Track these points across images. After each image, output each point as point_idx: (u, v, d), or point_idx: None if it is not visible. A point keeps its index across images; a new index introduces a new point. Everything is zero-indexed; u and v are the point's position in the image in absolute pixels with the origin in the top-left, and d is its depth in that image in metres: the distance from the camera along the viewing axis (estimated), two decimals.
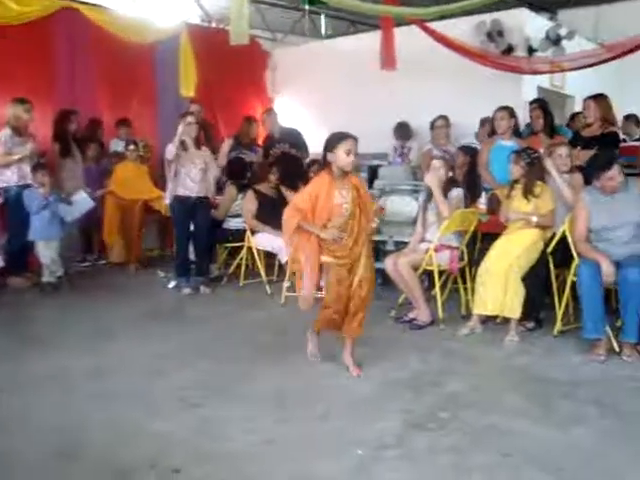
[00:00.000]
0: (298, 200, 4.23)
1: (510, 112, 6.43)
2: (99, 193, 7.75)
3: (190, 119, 6.46)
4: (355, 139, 4.11)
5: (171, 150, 6.31)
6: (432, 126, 7.61)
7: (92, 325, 5.39)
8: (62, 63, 8.18)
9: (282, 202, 6.87)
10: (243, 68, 9.99)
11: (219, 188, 7.29)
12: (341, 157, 4.04)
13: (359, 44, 9.52)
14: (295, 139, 8.26)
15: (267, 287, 6.58)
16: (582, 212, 4.83)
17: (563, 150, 5.49)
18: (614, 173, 4.68)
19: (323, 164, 4.23)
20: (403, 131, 8.48)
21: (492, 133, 6.63)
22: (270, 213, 6.71)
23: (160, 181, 7.69)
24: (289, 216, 4.18)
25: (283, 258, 6.48)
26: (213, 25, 10.47)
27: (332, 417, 3.60)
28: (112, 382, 4.10)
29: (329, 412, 3.66)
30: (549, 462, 3.08)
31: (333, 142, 4.07)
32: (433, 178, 5.50)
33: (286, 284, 6.21)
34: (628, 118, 7.80)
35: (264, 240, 6.72)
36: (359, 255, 4.22)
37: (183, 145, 6.37)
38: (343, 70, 9.41)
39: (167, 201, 6.67)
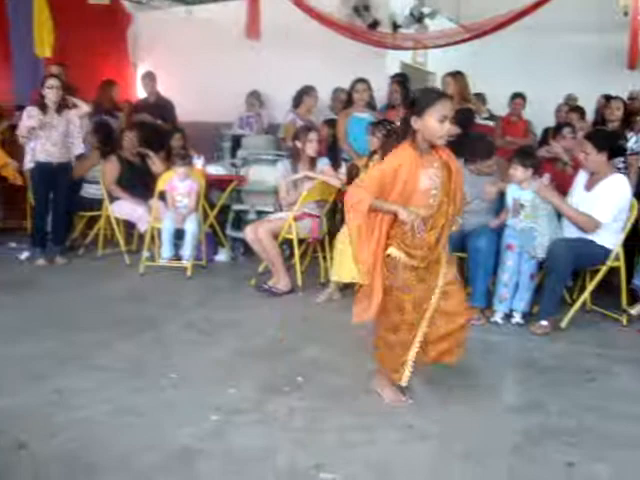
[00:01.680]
0: (368, 181, 3.13)
1: (368, 84, 6.57)
2: None
3: (52, 82, 6.14)
4: (451, 100, 3.26)
5: (31, 116, 6.00)
6: (299, 97, 7.63)
7: None
8: None
9: (145, 171, 6.72)
10: (105, 29, 9.53)
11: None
12: (432, 125, 3.04)
13: (225, 11, 9.32)
14: (166, 109, 8.12)
15: (126, 257, 6.40)
16: None
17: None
18: (490, 163, 4.97)
19: (403, 131, 3.18)
20: (255, 99, 8.49)
21: (347, 105, 6.75)
22: (132, 181, 6.56)
23: (12, 146, 7.22)
24: (359, 198, 3.08)
25: (142, 227, 6.31)
26: None
27: (188, 384, 3.56)
28: None
29: (185, 379, 3.62)
30: (401, 419, 3.19)
31: (422, 104, 3.08)
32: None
33: (145, 254, 6.07)
34: (477, 96, 8.13)
35: (123, 208, 6.52)
36: (438, 257, 3.28)
37: (43, 109, 6.05)
38: (208, 38, 9.22)
39: (27, 167, 6.34)
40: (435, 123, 3.03)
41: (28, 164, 6.29)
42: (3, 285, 5.51)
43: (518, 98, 8.05)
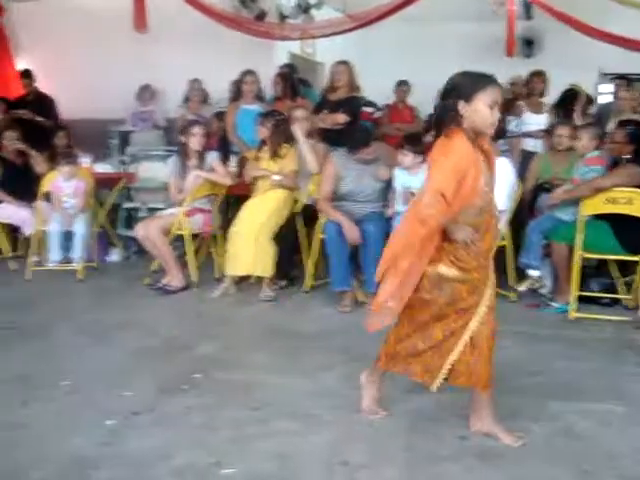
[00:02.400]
0: (442, 184, 2.59)
1: (257, 76, 6.56)
2: None
3: None
4: (499, 86, 2.84)
5: None
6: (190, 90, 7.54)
7: None
8: None
9: (28, 171, 6.45)
10: None
11: None
12: (484, 111, 2.67)
13: (110, 3, 9.06)
14: (46, 105, 7.83)
15: (11, 263, 6.15)
16: (330, 174, 5.05)
17: (299, 113, 5.73)
18: (369, 150, 5.05)
19: (449, 118, 2.68)
20: (147, 94, 8.30)
21: (236, 97, 6.72)
22: (14, 182, 6.29)
23: None
24: (435, 212, 2.61)
25: (27, 230, 6.07)
26: None
27: (81, 391, 3.45)
28: None
29: (78, 386, 3.50)
30: (297, 409, 3.20)
31: (470, 88, 2.68)
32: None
33: (33, 258, 5.84)
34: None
35: (6, 212, 6.25)
36: (488, 269, 2.88)
37: None
38: (93, 31, 8.90)
39: None
40: (486, 109, 2.66)
41: None
42: None
43: (403, 85, 8.24)
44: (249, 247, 5.04)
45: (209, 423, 3.08)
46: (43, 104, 7.97)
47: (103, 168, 6.62)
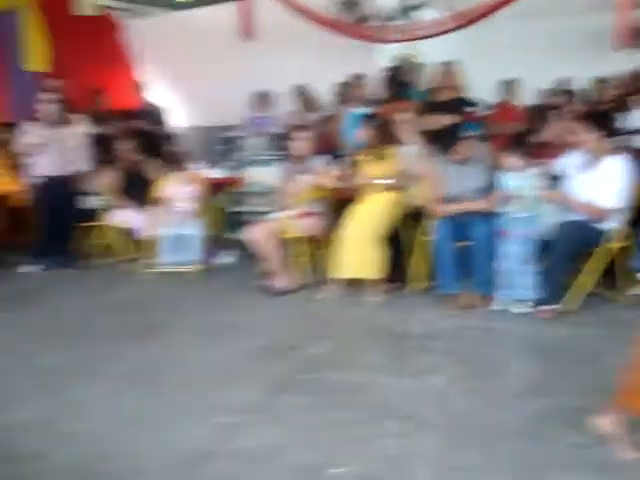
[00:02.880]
0: None
1: (363, 79, 6.57)
2: None
3: (49, 96, 6.18)
4: None
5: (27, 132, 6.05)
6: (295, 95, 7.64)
7: None
8: None
9: (142, 178, 6.72)
10: (97, 39, 9.54)
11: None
12: None
13: (215, 15, 9.36)
14: (156, 115, 8.13)
15: (127, 265, 6.41)
16: (438, 176, 5.05)
17: (404, 115, 5.68)
18: (462, 150, 4.99)
19: None
20: (263, 101, 8.43)
21: (344, 100, 6.74)
22: (130, 188, 6.55)
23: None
24: None
25: (142, 234, 6.31)
26: None
27: (196, 388, 3.58)
28: None
29: (192, 384, 3.64)
30: (405, 411, 3.21)
31: None
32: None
33: (146, 261, 6.08)
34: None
35: (123, 217, 6.52)
36: None
37: (43, 124, 6.12)
38: (199, 42, 9.22)
39: (28, 182, 6.39)
40: None
41: (30, 179, 6.31)
42: (7, 299, 5.54)
43: (511, 84, 8.04)
44: (357, 250, 5.06)
45: (318, 423, 3.13)
46: (152, 113, 8.28)
47: (213, 173, 6.80)
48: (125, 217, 6.50)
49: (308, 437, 3.00)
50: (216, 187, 6.71)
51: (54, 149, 6.21)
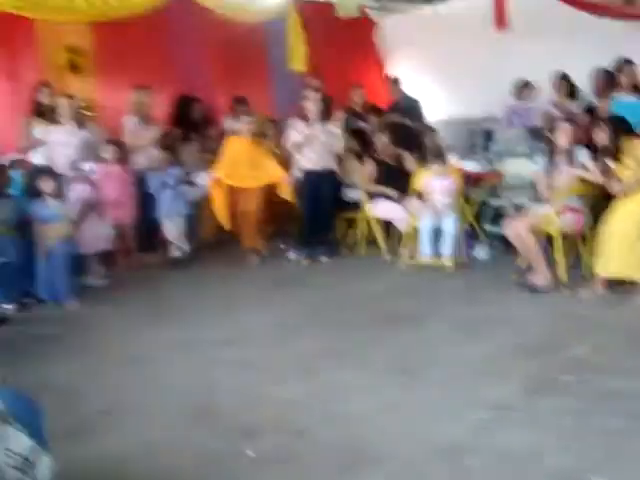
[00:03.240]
0: None
1: (635, 66, 6.16)
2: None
3: (312, 94, 6.63)
4: None
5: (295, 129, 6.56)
6: (554, 85, 7.37)
7: (220, 297, 5.66)
8: (178, 49, 8.48)
9: (400, 170, 6.93)
10: (352, 38, 9.96)
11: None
12: None
13: (468, 6, 9.27)
14: (413, 109, 8.28)
15: (386, 256, 6.65)
16: None
17: None
18: None
19: None
20: (523, 90, 8.20)
21: (609, 88, 6.35)
22: (388, 181, 6.77)
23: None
24: None
25: (401, 226, 6.52)
26: None
27: (455, 381, 3.66)
28: (240, 350, 4.31)
29: (452, 376, 3.72)
30: None
31: None
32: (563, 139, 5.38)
33: (405, 252, 6.27)
34: None
35: (382, 209, 6.77)
36: None
37: (306, 120, 6.58)
38: (455, 34, 9.20)
39: (293, 176, 6.88)
40: None
41: (295, 174, 6.81)
42: (275, 282, 6.04)
43: None
44: (624, 248, 4.80)
45: (579, 428, 3.06)
46: (411, 107, 8.45)
47: (470, 166, 6.80)
48: (385, 209, 6.74)
49: (567, 441, 2.94)
50: (474, 180, 6.71)
51: (317, 144, 6.62)
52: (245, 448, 2.99)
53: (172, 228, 6.81)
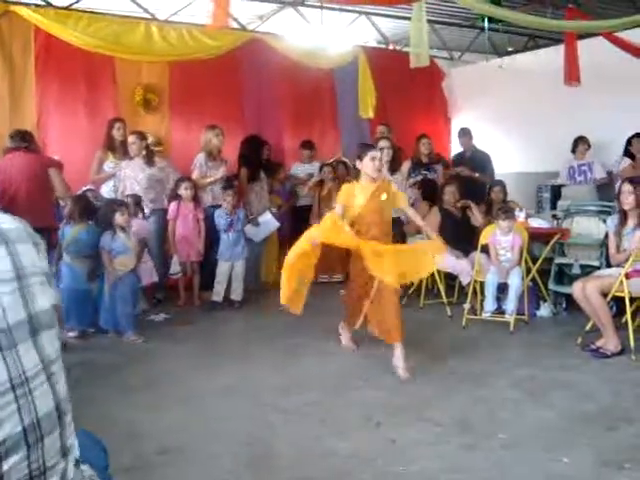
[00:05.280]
0: None
1: None
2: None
3: (383, 143, 6.65)
4: None
5: None
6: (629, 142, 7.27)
7: (278, 341, 5.65)
8: (249, 91, 8.69)
9: (465, 223, 6.87)
10: (420, 88, 10.07)
11: None
12: None
13: (537, 60, 9.28)
14: (483, 162, 8.26)
15: (447, 308, 6.56)
16: None
17: None
18: None
19: None
20: (581, 146, 8.12)
21: None
22: (454, 233, 6.68)
23: None
24: None
25: (465, 279, 6.43)
26: (390, 47, 10.58)
27: (517, 446, 3.54)
28: (297, 397, 4.28)
29: (514, 440, 3.60)
30: None
31: None
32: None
33: (467, 306, 6.18)
34: None
35: (446, 260, 6.64)
36: None
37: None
38: (523, 87, 9.18)
39: None
40: None
41: None
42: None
43: None
44: None
45: None
46: (480, 160, 8.43)
47: (536, 222, 6.71)
48: (449, 261, 6.65)
49: None
50: (540, 236, 6.61)
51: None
52: None
53: (224, 271, 6.85)
